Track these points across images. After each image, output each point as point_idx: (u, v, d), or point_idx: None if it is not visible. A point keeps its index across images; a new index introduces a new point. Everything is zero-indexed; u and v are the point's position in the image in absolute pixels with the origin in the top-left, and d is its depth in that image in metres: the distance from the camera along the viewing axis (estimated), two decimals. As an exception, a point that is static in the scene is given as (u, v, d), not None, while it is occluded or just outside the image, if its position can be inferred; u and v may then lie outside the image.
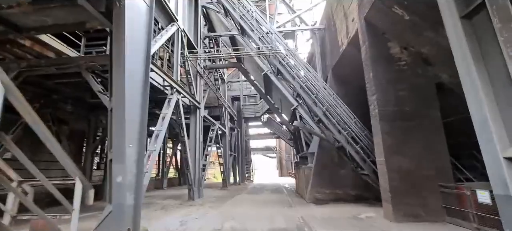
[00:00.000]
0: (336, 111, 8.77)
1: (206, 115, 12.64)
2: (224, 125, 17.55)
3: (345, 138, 8.53)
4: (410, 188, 6.16)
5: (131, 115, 4.44)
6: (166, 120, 7.68)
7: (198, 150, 10.85)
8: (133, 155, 4.51)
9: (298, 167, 14.20)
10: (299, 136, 12.79)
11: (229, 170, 18.06)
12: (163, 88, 8.55)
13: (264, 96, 13.63)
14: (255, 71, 13.85)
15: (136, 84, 4.76)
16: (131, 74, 4.52)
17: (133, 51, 4.63)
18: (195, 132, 10.76)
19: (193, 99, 10.54)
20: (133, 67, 4.62)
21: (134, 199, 4.44)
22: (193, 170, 10.25)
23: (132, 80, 4.53)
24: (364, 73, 9.47)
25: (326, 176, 10.15)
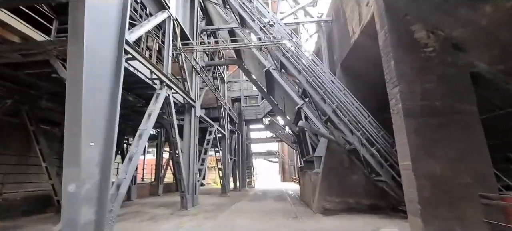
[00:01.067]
0: (347, 108, 7.71)
1: (203, 115, 11.60)
2: (224, 127, 16.50)
3: (359, 139, 7.45)
4: (444, 198, 5.05)
5: (92, 105, 3.41)
6: (153, 117, 6.65)
7: (193, 153, 9.80)
8: (95, 156, 3.48)
9: (302, 172, 13.07)
10: (304, 138, 11.71)
11: (228, 175, 16.97)
12: (152, 82, 7.52)
13: (266, 96, 12.60)
14: (257, 69, 12.84)
15: (102, 68, 3.76)
16: (93, 53, 3.52)
17: (97, 26, 3.63)
18: (190, 133, 9.72)
19: (187, 97, 9.52)
20: (97, 46, 3.63)
21: (96, 214, 3.38)
22: (186, 175, 9.18)
23: (94, 60, 3.53)
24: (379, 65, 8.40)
25: (335, 182, 9.05)
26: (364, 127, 7.47)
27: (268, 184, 30.95)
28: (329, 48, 11.33)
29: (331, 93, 7.89)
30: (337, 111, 7.69)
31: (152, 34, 7.94)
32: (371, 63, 8.81)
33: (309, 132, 10.85)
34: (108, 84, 3.90)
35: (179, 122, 12.01)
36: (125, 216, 8.33)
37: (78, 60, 3.28)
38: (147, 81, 7.35)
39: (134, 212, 9.10)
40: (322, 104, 7.94)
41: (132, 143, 6.12)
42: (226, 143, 16.63)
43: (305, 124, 9.36)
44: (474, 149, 5.23)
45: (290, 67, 8.47)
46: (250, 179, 24.60)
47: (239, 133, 20.92)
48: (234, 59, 13.34)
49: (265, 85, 12.66)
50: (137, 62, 6.44)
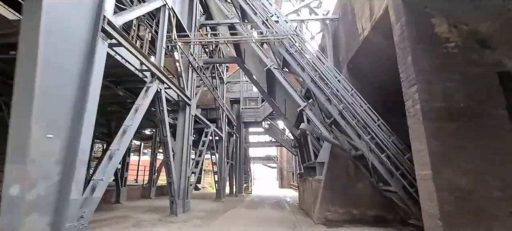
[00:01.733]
0: (355, 111, 7.05)
1: (199, 115, 10.92)
2: (221, 129, 15.82)
3: (367, 144, 6.77)
4: (469, 214, 4.37)
5: (52, 87, 2.76)
6: (140, 113, 5.98)
7: (186, 154, 9.09)
8: (54, 151, 2.83)
9: (302, 178, 12.36)
10: (305, 143, 11.03)
11: (224, 179, 16.22)
12: (142, 75, 6.86)
13: (267, 97, 11.95)
14: (257, 68, 12.21)
15: (69, 46, 3.11)
16: (56, 25, 2.86)
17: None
18: (183, 133, 9.03)
19: (181, 94, 8.85)
20: (63, 19, 2.97)
21: (52, 225, 2.69)
22: (177, 178, 8.47)
23: (57, 34, 2.88)
24: (389, 66, 7.77)
25: (339, 191, 8.36)
26: (373, 131, 6.80)
27: (266, 190, 30.14)
28: (334, 48, 10.71)
29: (338, 93, 7.24)
30: (344, 113, 7.03)
31: (145, 23, 7.32)
32: (380, 63, 8.19)
33: (311, 136, 10.17)
34: (77, 66, 3.25)
35: (173, 120, 11.34)
36: (108, 222, 7.60)
37: (33, 31, 2.63)
38: (136, 73, 6.68)
39: (119, 217, 8.36)
40: (328, 105, 7.28)
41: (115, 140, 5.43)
42: (223, 146, 15.93)
43: (307, 127, 8.69)
44: (504, 159, 4.56)
45: (294, 64, 7.83)
46: (247, 184, 23.83)
47: (237, 136, 20.22)
48: (234, 58, 12.73)
49: (266, 86, 12.03)
50: (125, 51, 5.79)
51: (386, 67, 8.32)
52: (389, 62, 8.16)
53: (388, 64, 8.24)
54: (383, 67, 8.32)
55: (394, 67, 8.18)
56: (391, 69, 8.44)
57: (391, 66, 8.31)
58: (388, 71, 8.51)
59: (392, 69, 8.35)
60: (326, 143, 9.59)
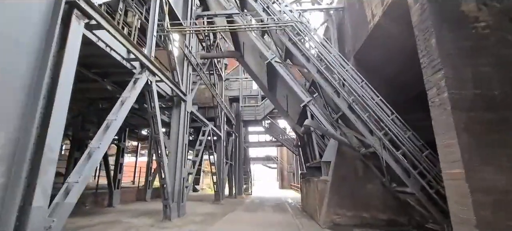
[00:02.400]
0: (366, 103, 6.38)
1: (195, 112, 10.23)
2: (220, 128, 15.13)
3: (380, 141, 6.10)
4: (509, 220, 3.71)
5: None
6: (126, 106, 5.30)
7: (182, 154, 8.41)
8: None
9: (306, 179, 11.69)
10: (309, 141, 10.36)
11: (223, 180, 15.53)
12: (131, 66, 6.16)
13: (268, 93, 11.28)
14: (257, 63, 11.54)
15: (18, 20, 2.42)
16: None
17: None
18: (178, 131, 8.34)
19: (176, 88, 8.17)
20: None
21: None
22: (171, 180, 7.79)
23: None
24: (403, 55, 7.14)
25: (347, 192, 7.70)
26: (387, 126, 6.13)
27: (266, 191, 29.45)
28: (339, 40, 10.05)
29: (347, 84, 6.57)
30: (354, 106, 6.35)
31: (133, 8, 6.65)
32: (391, 54, 7.53)
33: (316, 134, 9.50)
34: (32, 46, 2.60)
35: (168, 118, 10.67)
36: (95, 228, 6.91)
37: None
38: (123, 63, 5.99)
39: (109, 222, 7.66)
40: (335, 98, 6.60)
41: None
42: (222, 145, 15.24)
43: (312, 123, 8.02)
44: (549, 155, 3.90)
45: (298, 54, 7.16)
46: (247, 185, 23.13)
47: (237, 136, 19.53)
48: (232, 52, 12.05)
49: (266, 81, 11.35)
50: (109, 37, 5.11)
51: (397, 58, 7.67)
52: (401, 52, 7.51)
53: (400, 55, 7.59)
54: (395, 58, 7.67)
55: (407, 58, 7.52)
56: (403, 61, 7.79)
57: (404, 57, 7.66)
58: (400, 63, 7.86)
59: (405, 61, 7.70)
60: (332, 140, 8.93)
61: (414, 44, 6.81)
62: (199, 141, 11.28)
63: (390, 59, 7.75)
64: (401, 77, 7.92)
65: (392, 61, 7.77)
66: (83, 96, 8.44)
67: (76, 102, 8.98)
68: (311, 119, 9.17)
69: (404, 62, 7.52)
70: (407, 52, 7.40)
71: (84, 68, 6.47)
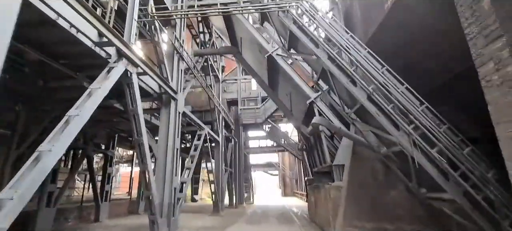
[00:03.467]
0: (389, 93, 5.30)
1: (188, 113, 9.13)
2: (217, 133, 14.02)
3: (409, 137, 4.99)
4: None
5: None
6: (94, 100, 4.21)
7: (172, 161, 7.28)
8: None
9: (313, 185, 10.54)
10: (316, 143, 9.25)
11: (223, 189, 14.33)
12: (106, 55, 5.09)
13: (269, 91, 10.22)
14: (257, 58, 10.52)
15: None
16: None
17: None
18: (167, 133, 7.23)
19: (164, 84, 7.10)
20: None
21: None
22: (159, 191, 6.65)
23: None
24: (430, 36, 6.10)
25: (366, 200, 6.55)
26: (417, 118, 5.03)
27: (268, 199, 28.16)
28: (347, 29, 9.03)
29: (365, 71, 5.50)
30: (375, 96, 5.27)
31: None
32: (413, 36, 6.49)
33: (325, 134, 8.39)
34: None
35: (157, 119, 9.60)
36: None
37: None
38: (95, 50, 4.92)
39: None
40: (351, 88, 5.52)
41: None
42: (220, 151, 14.10)
43: (321, 120, 6.92)
44: None
45: (304, 39, 6.11)
46: (248, 194, 21.88)
47: (236, 141, 18.40)
48: (229, 48, 11.04)
49: (267, 78, 10.30)
50: (74, 15, 4.06)
51: (420, 42, 6.61)
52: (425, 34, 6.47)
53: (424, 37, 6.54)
54: (417, 42, 6.61)
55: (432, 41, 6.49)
56: (427, 45, 6.75)
57: (428, 39, 6.62)
58: (423, 47, 6.81)
59: (429, 45, 6.66)
60: (345, 141, 7.83)
61: (443, 20, 5.75)
62: (194, 146, 10.16)
63: (411, 44, 6.70)
64: (423, 65, 6.87)
65: (412, 46, 6.72)
66: (58, 97, 7.35)
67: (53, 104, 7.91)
68: (319, 115, 8.09)
69: (428, 46, 6.48)
70: (433, 33, 6.38)
71: (51, 59, 5.41)
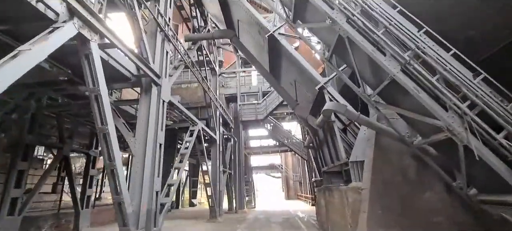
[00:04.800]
0: (430, 63, 3.96)
1: (177, 103, 7.81)
2: (214, 130, 12.71)
3: (463, 119, 3.64)
4: None
5: None
6: (17, 64, 2.90)
7: (153, 158, 5.97)
8: None
9: (323, 187, 9.19)
10: (327, 136, 7.91)
11: (221, 193, 12.99)
12: (54, 15, 3.78)
13: (270, 79, 8.90)
14: (257, 44, 9.23)
15: None
16: None
17: None
18: (147, 125, 5.91)
19: (143, 65, 5.81)
20: None
21: None
22: (136, 195, 5.33)
23: None
24: None
25: (393, 204, 5.22)
26: (473, 92, 3.68)
27: (271, 203, 26.75)
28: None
29: (398, 35, 4.18)
30: (413, 66, 3.92)
31: None
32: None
33: (338, 124, 7.04)
34: None
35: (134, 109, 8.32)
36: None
37: None
38: (38, 8, 3.62)
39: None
40: (379, 58, 4.19)
41: None
42: (217, 151, 12.77)
43: (336, 106, 5.58)
44: None
45: (316, 0, 4.79)
46: (249, 197, 20.49)
47: (236, 140, 17.06)
48: (224, 31, 9.73)
49: (268, 65, 9.00)
50: None
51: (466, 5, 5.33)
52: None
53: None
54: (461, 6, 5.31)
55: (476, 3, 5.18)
56: (473, 7, 5.45)
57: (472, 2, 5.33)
58: (468, 11, 5.50)
59: (476, 6, 5.36)
60: (364, 132, 6.49)
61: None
62: (185, 143, 8.84)
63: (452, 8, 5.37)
64: (466, 33, 5.52)
65: (454, 11, 5.39)
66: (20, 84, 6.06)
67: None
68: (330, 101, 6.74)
69: (474, 9, 5.15)
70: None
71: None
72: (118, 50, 5.49)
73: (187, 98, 14.60)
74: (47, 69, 5.50)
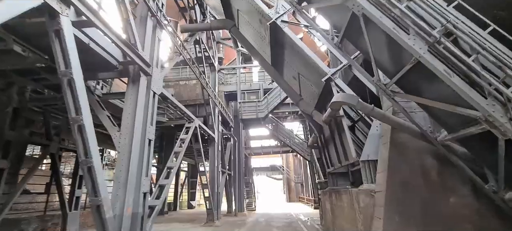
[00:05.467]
0: (464, 40, 3.30)
1: (170, 96, 7.17)
2: (212, 128, 12.07)
3: (505, 106, 2.98)
4: None
5: None
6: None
7: (141, 156, 5.33)
8: None
9: (328, 190, 8.53)
10: (333, 135, 7.25)
11: (219, 195, 12.33)
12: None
13: (272, 73, 8.26)
14: (258, 36, 8.61)
15: None
16: None
17: None
18: (133, 118, 5.28)
19: (130, 51, 5.18)
20: None
21: None
22: (119, 197, 4.69)
23: None
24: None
25: (413, 209, 4.57)
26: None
27: (272, 205, 26.05)
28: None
29: (426, 7, 3.53)
30: (444, 45, 3.27)
31: None
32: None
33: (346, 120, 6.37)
34: None
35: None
36: None
37: None
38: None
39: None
40: (401, 37, 3.54)
41: None
42: (215, 150, 12.13)
43: (346, 98, 4.92)
44: None
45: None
46: (250, 199, 19.80)
47: (236, 140, 16.41)
48: (222, 21, 9.10)
49: (270, 56, 8.37)
50: None
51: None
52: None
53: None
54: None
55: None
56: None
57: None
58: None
59: None
60: (374, 128, 5.85)
61: None
62: (180, 140, 8.20)
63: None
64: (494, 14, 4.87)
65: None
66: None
67: None
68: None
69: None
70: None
71: None
72: (104, 37, 4.88)
73: (185, 96, 14.01)
74: (21, 54, 4.89)
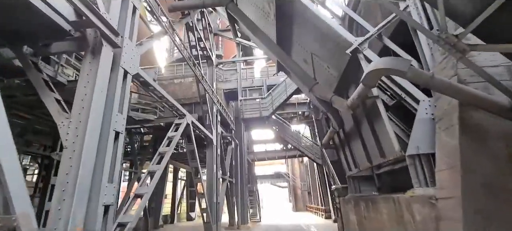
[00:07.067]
0: None
1: (148, 78, 5.64)
2: (210, 128, 10.55)
3: None
4: None
5: None
6: None
7: (100, 153, 3.81)
8: None
9: (352, 198, 6.89)
10: (358, 126, 5.68)
11: (219, 205, 10.72)
12: None
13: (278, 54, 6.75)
14: (259, 10, 7.14)
15: None
16: None
17: None
18: (90, 100, 3.78)
19: (86, 8, 3.71)
20: None
21: None
22: (63, 210, 3.17)
23: None
24: None
25: (501, 221, 2.96)
26: None
27: (277, 215, 24.24)
28: None
29: None
30: None
31: None
32: None
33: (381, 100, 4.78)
34: None
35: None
36: None
37: None
38: None
39: None
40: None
41: None
42: (213, 153, 10.57)
43: (394, 63, 3.39)
44: None
45: None
46: (254, 209, 18.11)
47: (237, 144, 14.84)
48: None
49: (275, 35, 6.90)
50: None
51: None
52: None
53: None
54: None
55: None
56: None
57: None
58: None
59: None
60: (422, 111, 4.26)
61: None
62: (167, 138, 6.67)
63: None
64: None
65: None
66: None
67: None
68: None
69: None
70: None
71: None
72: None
73: (180, 94, 12.64)
74: None
